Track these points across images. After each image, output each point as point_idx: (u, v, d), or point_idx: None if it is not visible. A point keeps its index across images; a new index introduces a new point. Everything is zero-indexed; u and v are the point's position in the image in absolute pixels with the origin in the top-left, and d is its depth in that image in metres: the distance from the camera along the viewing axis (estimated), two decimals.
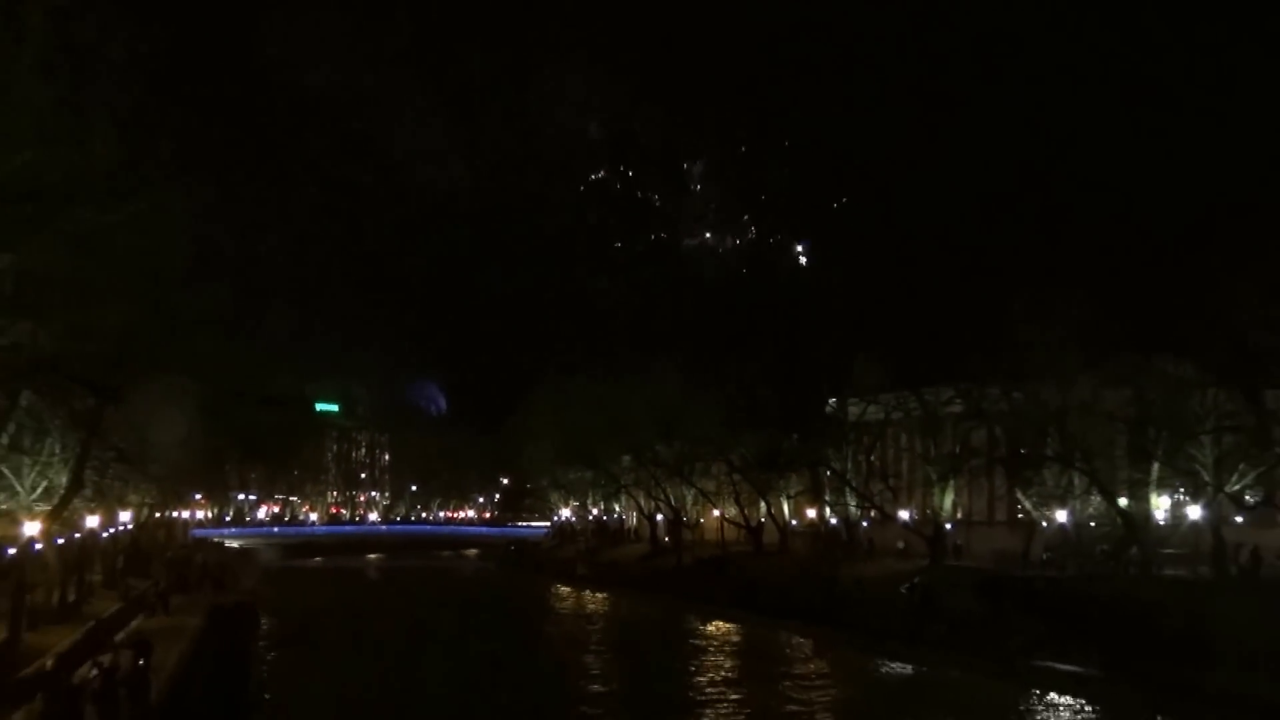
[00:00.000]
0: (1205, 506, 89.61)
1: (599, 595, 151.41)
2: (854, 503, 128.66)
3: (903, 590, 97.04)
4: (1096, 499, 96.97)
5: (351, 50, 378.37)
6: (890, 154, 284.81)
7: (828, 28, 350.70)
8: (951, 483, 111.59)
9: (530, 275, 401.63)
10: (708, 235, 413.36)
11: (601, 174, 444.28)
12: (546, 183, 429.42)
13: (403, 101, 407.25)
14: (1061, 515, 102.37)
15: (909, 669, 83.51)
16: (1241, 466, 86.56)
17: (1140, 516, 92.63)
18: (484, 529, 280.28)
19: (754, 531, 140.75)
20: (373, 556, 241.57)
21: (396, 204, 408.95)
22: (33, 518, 60.94)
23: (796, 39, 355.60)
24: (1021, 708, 67.87)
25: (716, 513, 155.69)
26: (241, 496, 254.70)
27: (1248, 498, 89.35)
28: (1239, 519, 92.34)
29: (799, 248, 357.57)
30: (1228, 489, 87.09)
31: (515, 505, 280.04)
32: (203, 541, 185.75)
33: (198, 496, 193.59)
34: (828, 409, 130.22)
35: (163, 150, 42.58)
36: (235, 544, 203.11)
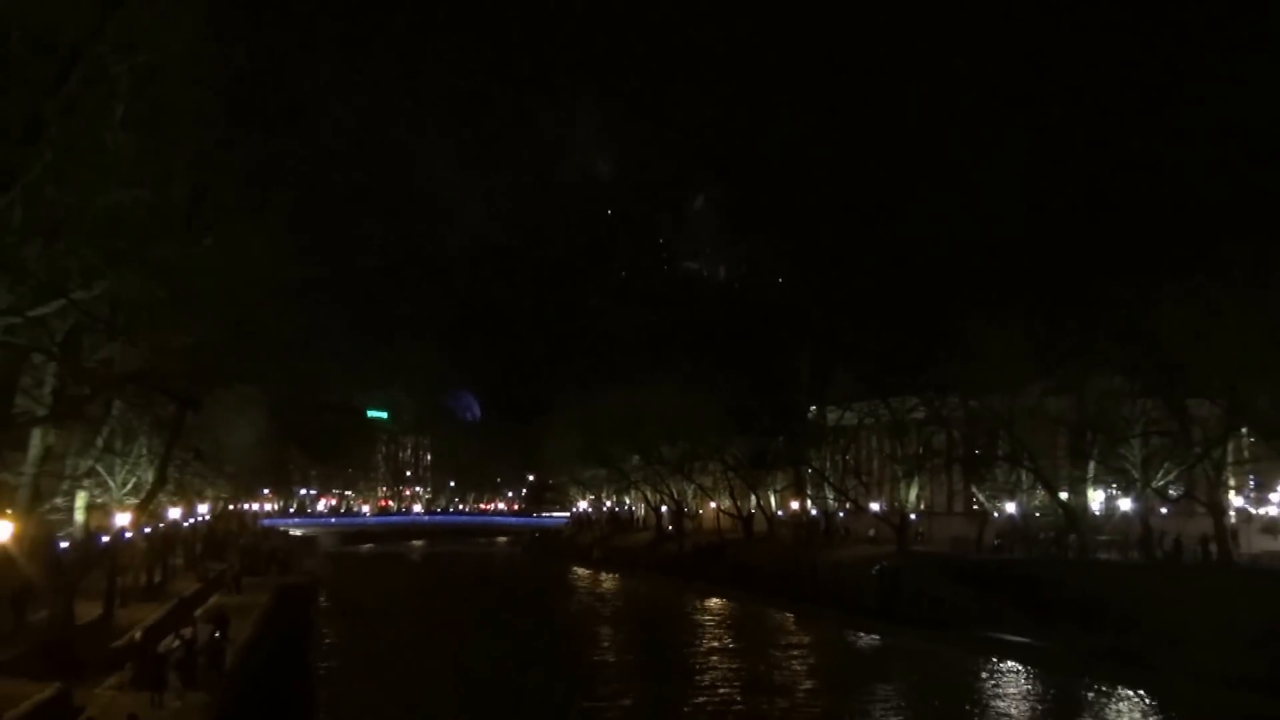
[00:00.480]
0: (1134, 500, 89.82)
1: (611, 576, 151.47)
2: (831, 496, 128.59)
3: (873, 572, 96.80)
4: (1041, 493, 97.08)
5: (388, 98, 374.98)
6: (864, 199, 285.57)
7: (804, 79, 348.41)
8: (915, 479, 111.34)
9: (548, 297, 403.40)
10: (702, 267, 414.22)
11: (610, 209, 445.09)
12: (562, 214, 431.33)
13: (436, 147, 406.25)
14: (1010, 507, 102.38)
15: (879, 640, 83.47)
16: (1166, 465, 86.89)
17: (1078, 508, 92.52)
18: (512, 519, 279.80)
19: (745, 521, 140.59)
20: (416, 543, 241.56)
21: (434, 234, 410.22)
22: (123, 510, 60.92)
23: (781, 96, 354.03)
24: (976, 672, 67.76)
25: (713, 505, 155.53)
26: (304, 491, 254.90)
27: (1171, 492, 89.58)
28: (1164, 510, 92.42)
29: (781, 280, 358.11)
30: (1154, 484, 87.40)
31: (539, 498, 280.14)
32: (270, 530, 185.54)
33: (266, 491, 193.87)
34: (809, 415, 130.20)
35: (230, 193, 42.48)
36: (298, 532, 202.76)
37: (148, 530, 78.76)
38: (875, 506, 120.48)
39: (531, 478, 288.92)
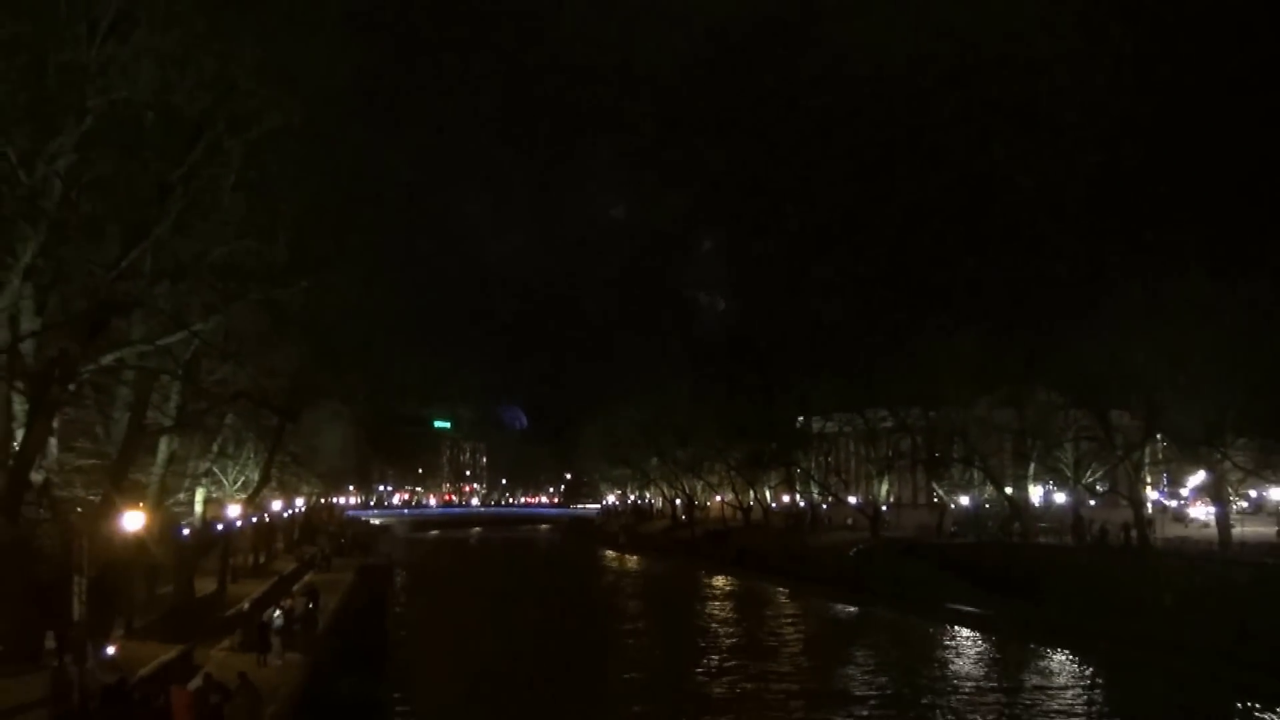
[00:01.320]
0: (1068, 494, 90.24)
1: (634, 557, 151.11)
2: (816, 491, 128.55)
3: (851, 553, 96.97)
4: (990, 488, 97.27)
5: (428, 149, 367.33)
6: (841, 243, 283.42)
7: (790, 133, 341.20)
8: (886, 476, 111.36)
9: (579, 326, 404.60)
10: (706, 299, 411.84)
11: (627, 249, 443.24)
12: (587, 255, 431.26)
13: (476, 192, 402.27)
14: (965, 500, 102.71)
15: (856, 610, 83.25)
16: (1093, 465, 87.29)
17: (1021, 501, 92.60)
18: (552, 510, 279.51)
19: (745, 511, 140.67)
20: (474, 530, 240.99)
21: (485, 273, 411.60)
22: (234, 502, 61.45)
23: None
24: (936, 636, 67.73)
25: (718, 498, 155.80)
26: (381, 487, 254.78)
27: (1098, 487, 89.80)
28: (1092, 503, 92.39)
29: (771, 310, 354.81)
30: (1084, 481, 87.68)
31: (575, 492, 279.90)
32: (354, 520, 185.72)
33: (350, 487, 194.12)
34: (797, 424, 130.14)
35: (322, 244, 42.93)
36: (377, 521, 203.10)
37: (254, 519, 79.16)
38: (852, 499, 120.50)
39: (568, 475, 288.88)
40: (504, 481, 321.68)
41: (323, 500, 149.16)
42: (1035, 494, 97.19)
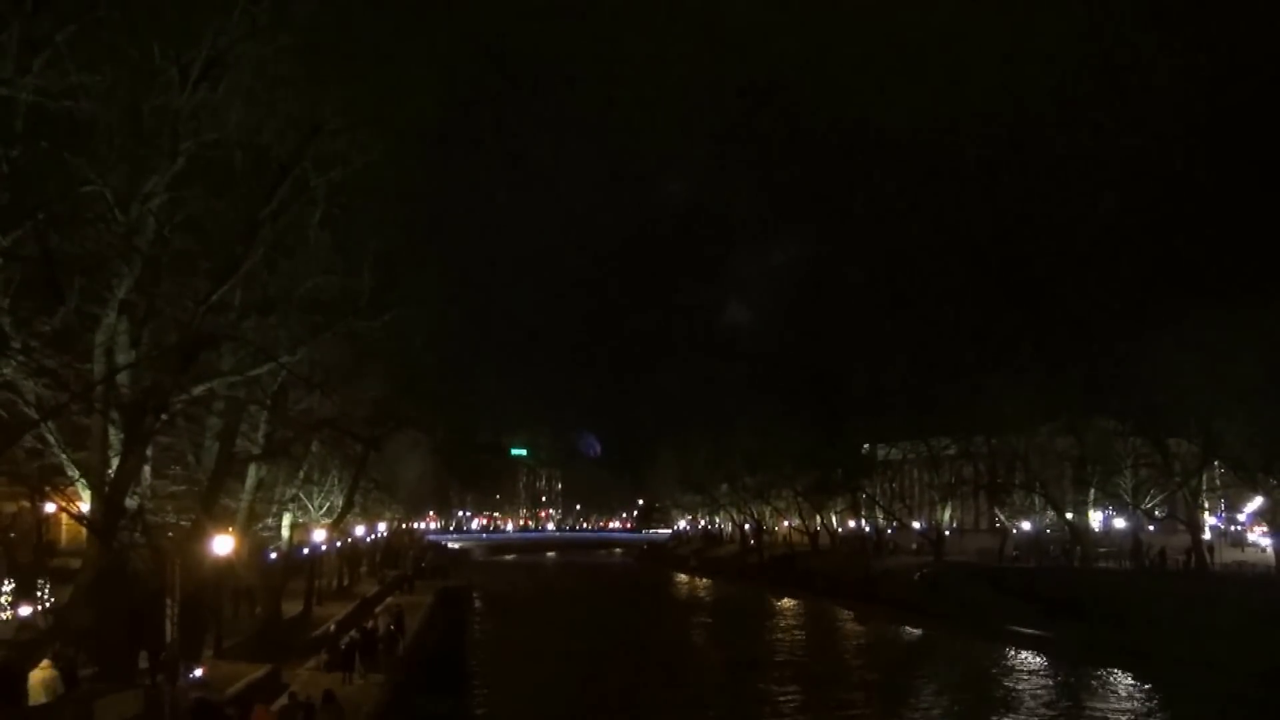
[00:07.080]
0: (1127, 519, 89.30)
1: (704, 580, 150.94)
2: (881, 516, 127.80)
3: (915, 577, 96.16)
4: (1050, 513, 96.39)
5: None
6: (906, 272, 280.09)
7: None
8: (948, 502, 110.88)
9: (652, 360, 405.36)
10: (775, 327, 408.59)
11: (693, 280, 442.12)
12: (656, 284, 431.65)
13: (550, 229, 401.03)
14: (1026, 525, 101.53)
15: (920, 632, 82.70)
16: (1152, 491, 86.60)
17: (1081, 526, 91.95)
18: (625, 535, 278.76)
19: (812, 536, 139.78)
20: (550, 554, 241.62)
21: (552, 305, 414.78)
22: (320, 527, 61.79)
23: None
24: (998, 658, 67.01)
25: (786, 523, 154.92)
26: (460, 513, 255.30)
27: (1157, 513, 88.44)
28: (1151, 528, 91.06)
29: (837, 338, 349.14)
30: (1143, 507, 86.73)
31: (647, 518, 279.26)
32: (434, 544, 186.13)
33: (430, 513, 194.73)
34: (863, 452, 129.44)
35: (404, 279, 43.17)
36: (456, 545, 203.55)
37: (339, 544, 79.59)
38: (916, 524, 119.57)
39: (641, 501, 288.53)
40: (578, 507, 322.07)
41: (404, 525, 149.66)
42: (1095, 519, 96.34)
